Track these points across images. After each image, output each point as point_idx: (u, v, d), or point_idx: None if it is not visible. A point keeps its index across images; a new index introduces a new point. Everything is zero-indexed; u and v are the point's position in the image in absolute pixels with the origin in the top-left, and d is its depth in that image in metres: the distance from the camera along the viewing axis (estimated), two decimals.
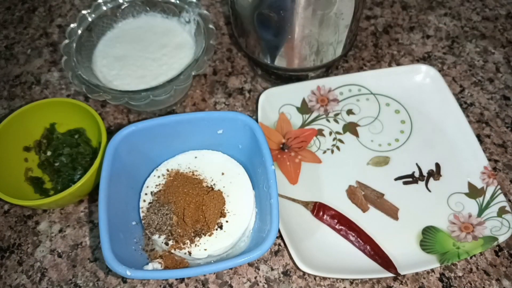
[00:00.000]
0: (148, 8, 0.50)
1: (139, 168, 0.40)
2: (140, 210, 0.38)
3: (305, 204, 0.42)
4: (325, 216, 0.41)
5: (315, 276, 0.39)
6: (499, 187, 0.42)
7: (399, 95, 0.49)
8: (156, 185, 0.39)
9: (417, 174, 0.44)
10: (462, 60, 0.55)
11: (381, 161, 0.45)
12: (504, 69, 0.54)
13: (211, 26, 0.46)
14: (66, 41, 0.45)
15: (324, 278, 0.39)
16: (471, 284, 0.39)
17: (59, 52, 0.56)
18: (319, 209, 0.41)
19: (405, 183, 0.44)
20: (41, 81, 0.54)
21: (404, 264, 0.38)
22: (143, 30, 0.50)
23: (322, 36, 0.43)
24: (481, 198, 0.42)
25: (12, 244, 0.42)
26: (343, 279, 0.39)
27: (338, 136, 0.47)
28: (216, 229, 0.36)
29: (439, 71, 0.50)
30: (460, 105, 0.48)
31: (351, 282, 0.39)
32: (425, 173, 0.44)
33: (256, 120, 0.47)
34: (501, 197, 0.41)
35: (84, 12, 0.47)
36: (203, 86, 0.53)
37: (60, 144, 0.43)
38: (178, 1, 0.49)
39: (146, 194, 0.39)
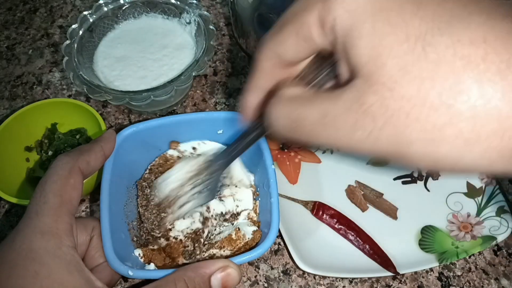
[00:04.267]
0: (149, 9, 0.50)
1: (140, 168, 0.40)
2: (141, 209, 0.38)
3: (305, 203, 0.42)
4: (324, 216, 0.41)
5: (314, 275, 0.39)
6: (497, 186, 0.42)
7: None
8: None
9: (416, 174, 0.44)
10: None
11: (380, 161, 0.45)
12: None
13: (211, 27, 0.46)
14: (67, 41, 0.45)
15: (324, 277, 0.39)
16: (469, 283, 0.39)
17: (60, 53, 0.56)
18: (318, 209, 0.41)
19: (404, 182, 0.44)
20: (42, 81, 0.54)
21: (403, 263, 0.38)
22: (144, 31, 0.50)
23: None
24: (479, 198, 0.42)
25: None
26: (342, 278, 0.39)
27: None
28: None
29: None
30: None
31: (351, 281, 0.39)
32: (424, 173, 0.45)
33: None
34: (500, 197, 0.41)
35: (85, 12, 0.47)
36: (203, 86, 0.53)
37: (61, 144, 0.44)
38: (178, 2, 0.49)
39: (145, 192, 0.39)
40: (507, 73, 0.15)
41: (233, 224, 0.37)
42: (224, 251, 0.35)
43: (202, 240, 0.36)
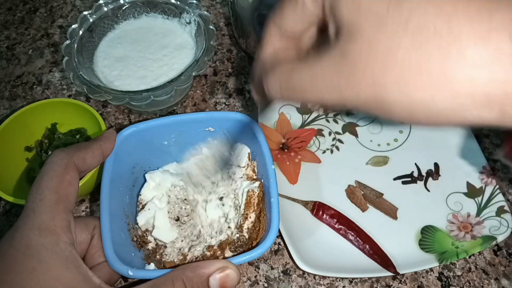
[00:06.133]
0: (149, 9, 0.50)
1: (140, 168, 0.40)
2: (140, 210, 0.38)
3: (305, 203, 0.42)
4: (324, 216, 0.41)
5: (314, 275, 0.39)
6: (497, 186, 0.42)
7: None
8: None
9: (416, 174, 0.44)
10: None
11: (380, 161, 0.45)
12: None
13: (211, 27, 0.46)
14: (67, 41, 0.45)
15: (324, 277, 0.39)
16: (469, 283, 0.39)
17: (60, 53, 0.56)
18: (318, 209, 0.41)
19: (404, 182, 0.44)
20: (42, 81, 0.54)
21: (403, 263, 0.38)
22: (144, 31, 0.50)
23: None
24: (479, 198, 0.42)
25: None
26: (342, 278, 0.39)
27: (338, 136, 0.47)
28: None
29: None
30: None
31: (351, 281, 0.39)
32: (424, 173, 0.45)
33: (256, 120, 0.47)
34: (500, 197, 0.41)
35: (85, 12, 0.47)
36: (203, 86, 0.53)
37: (61, 144, 0.43)
38: (178, 2, 0.49)
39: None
40: (476, 20, 0.15)
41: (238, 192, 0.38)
42: (250, 218, 0.36)
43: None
